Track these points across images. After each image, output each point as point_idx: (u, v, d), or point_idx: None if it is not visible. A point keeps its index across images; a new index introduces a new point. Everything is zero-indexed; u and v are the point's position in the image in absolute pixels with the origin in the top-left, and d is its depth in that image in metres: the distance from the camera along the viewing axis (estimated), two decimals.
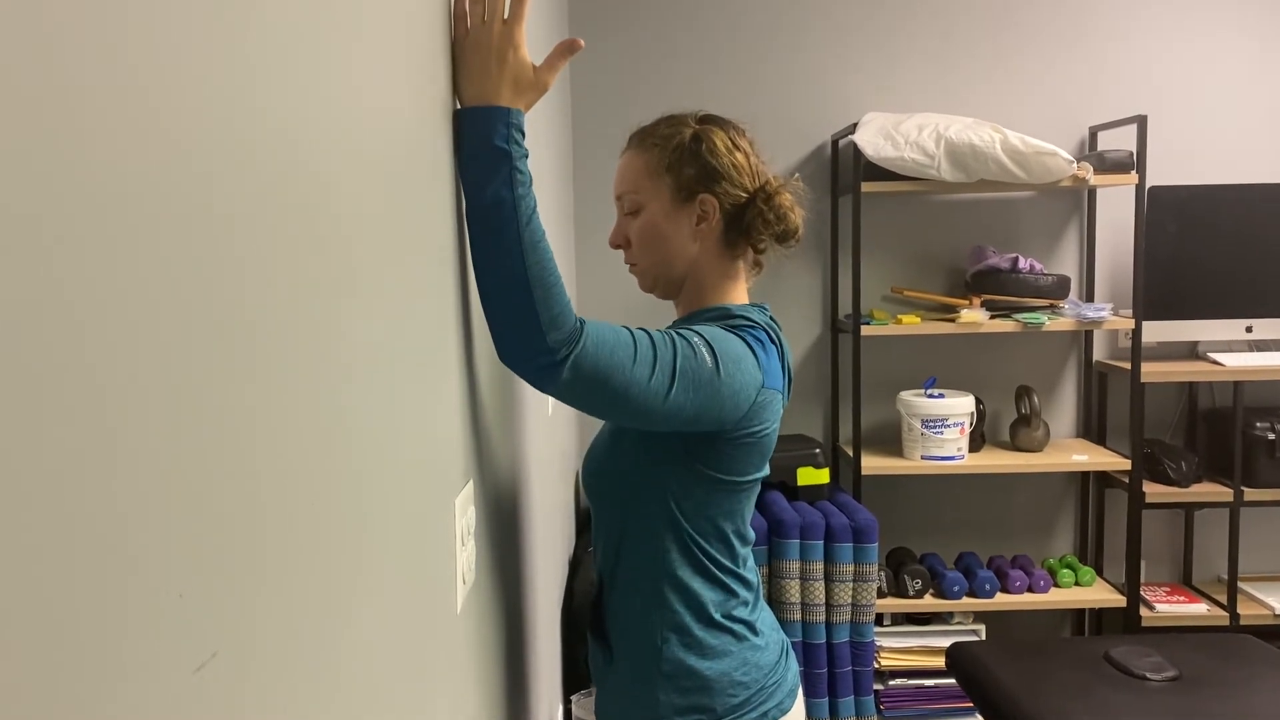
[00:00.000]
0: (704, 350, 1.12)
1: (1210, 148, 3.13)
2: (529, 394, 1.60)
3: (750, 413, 1.18)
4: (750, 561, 1.31)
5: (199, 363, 0.42)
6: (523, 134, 1.00)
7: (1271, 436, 2.91)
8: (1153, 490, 2.93)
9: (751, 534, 1.30)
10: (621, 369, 1.06)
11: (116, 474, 0.36)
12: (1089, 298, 3.13)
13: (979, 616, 2.98)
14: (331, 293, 0.60)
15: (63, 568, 0.33)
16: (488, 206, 0.98)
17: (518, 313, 1.00)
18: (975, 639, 2.76)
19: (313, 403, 0.56)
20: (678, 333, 1.14)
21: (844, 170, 3.05)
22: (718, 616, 1.24)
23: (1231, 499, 2.92)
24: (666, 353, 1.10)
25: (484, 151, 0.98)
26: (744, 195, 1.28)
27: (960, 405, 2.86)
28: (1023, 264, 2.93)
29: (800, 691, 1.33)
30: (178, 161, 0.41)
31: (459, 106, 1.01)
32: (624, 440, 1.24)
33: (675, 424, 1.13)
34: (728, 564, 1.25)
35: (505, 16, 1.00)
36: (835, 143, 3.08)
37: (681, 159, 1.27)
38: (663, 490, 1.21)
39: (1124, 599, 2.88)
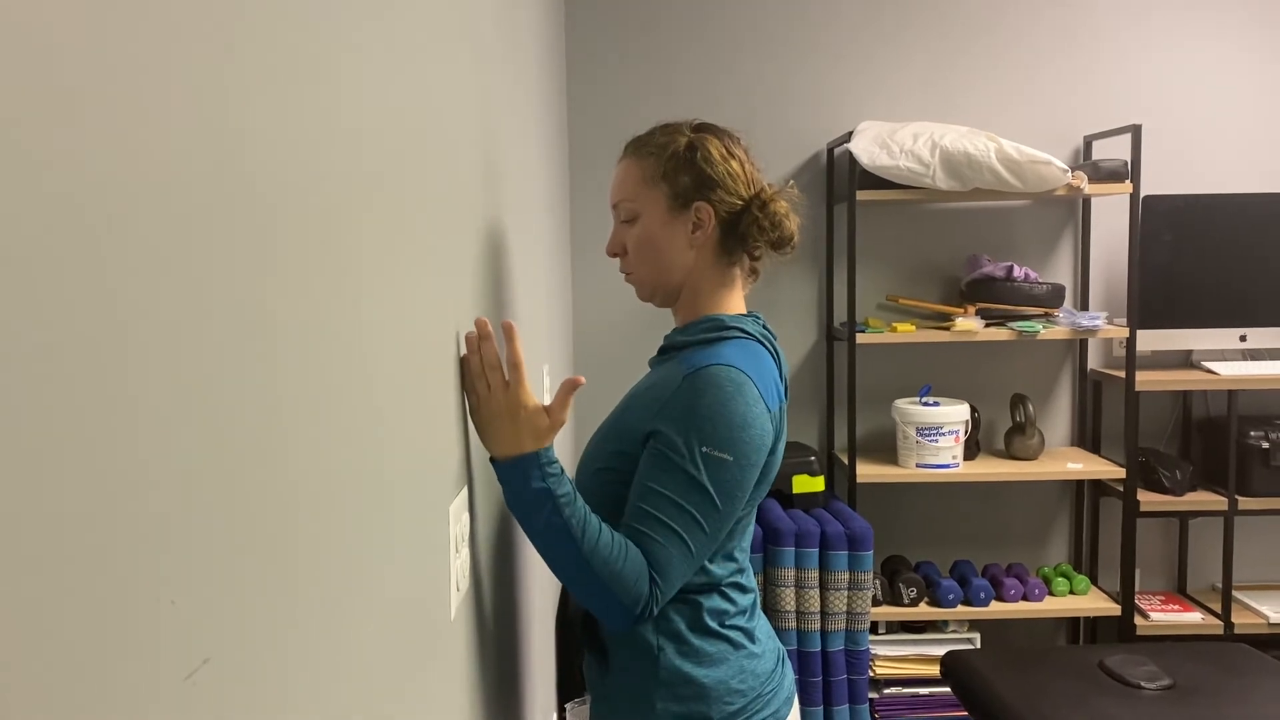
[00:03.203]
0: (714, 452, 1.16)
1: (1205, 157, 3.14)
2: None
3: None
4: (748, 570, 1.31)
5: (192, 370, 0.42)
6: (553, 461, 1.11)
7: (1266, 445, 2.92)
8: (1147, 499, 2.93)
9: (748, 543, 1.30)
10: (689, 559, 1.16)
11: (109, 480, 0.36)
12: (1084, 306, 3.14)
13: (974, 625, 2.97)
14: (327, 300, 0.60)
15: (53, 573, 0.33)
16: (544, 532, 1.10)
17: (598, 599, 1.13)
18: (970, 647, 2.76)
19: (307, 408, 0.56)
20: (682, 447, 1.16)
21: (839, 179, 3.05)
22: (714, 625, 1.23)
23: (1226, 508, 2.92)
24: (695, 495, 1.15)
25: (527, 495, 1.10)
26: (739, 203, 1.28)
27: (955, 413, 2.86)
28: (1017, 272, 2.93)
29: (796, 700, 1.33)
30: (185, 173, 0.41)
31: (492, 458, 1.12)
32: (620, 454, 1.23)
33: (745, 502, 1.22)
34: (724, 573, 1.25)
35: (507, 380, 1.08)
36: (831, 151, 3.08)
37: (677, 167, 1.27)
38: None
39: (1119, 608, 2.88)
